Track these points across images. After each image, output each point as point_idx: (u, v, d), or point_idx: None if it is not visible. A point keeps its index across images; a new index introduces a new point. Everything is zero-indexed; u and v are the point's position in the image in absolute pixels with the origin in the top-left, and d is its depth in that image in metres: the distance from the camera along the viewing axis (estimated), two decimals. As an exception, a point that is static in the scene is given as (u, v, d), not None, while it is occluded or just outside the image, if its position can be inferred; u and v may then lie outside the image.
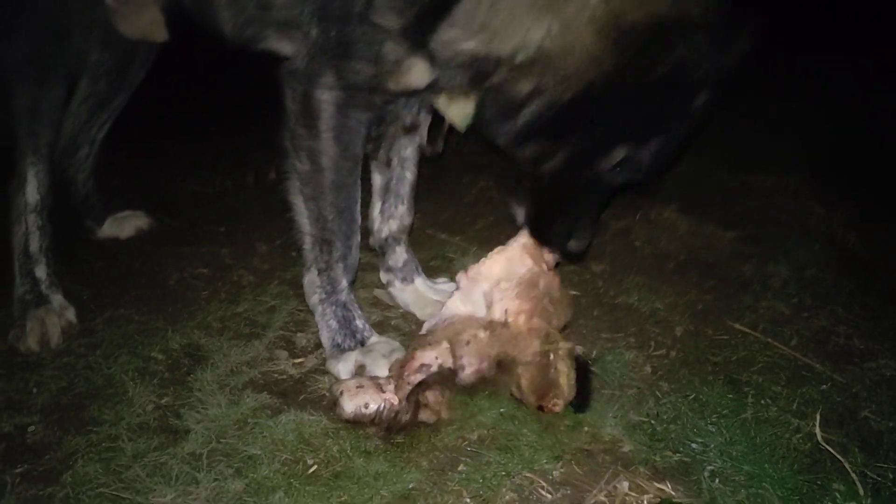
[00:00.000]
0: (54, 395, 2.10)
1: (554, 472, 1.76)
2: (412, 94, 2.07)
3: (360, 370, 2.08)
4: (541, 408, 1.92)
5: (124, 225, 3.12)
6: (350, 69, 1.96)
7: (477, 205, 3.26)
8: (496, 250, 2.06)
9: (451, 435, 1.88)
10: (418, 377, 1.91)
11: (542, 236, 2.05)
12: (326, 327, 2.17)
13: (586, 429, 1.90)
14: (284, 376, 2.17)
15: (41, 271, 2.45)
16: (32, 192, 2.45)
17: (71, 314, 2.42)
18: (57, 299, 2.43)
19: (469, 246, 2.84)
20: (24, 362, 2.25)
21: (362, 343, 2.14)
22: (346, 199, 2.11)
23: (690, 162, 3.59)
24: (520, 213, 2.13)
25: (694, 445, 1.83)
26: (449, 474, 1.76)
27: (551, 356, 1.92)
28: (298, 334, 2.35)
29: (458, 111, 2.10)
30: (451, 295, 2.15)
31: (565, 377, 1.91)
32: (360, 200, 2.17)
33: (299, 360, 2.24)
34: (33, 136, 2.43)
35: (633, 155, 1.88)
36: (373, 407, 1.90)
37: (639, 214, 2.98)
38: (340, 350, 2.14)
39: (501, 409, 1.95)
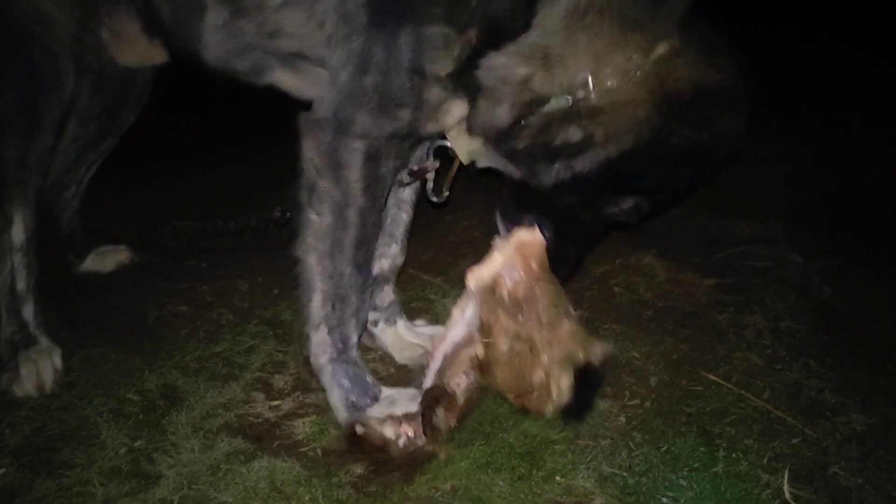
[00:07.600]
0: (27, 436, 2.09)
1: (526, 526, 1.76)
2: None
3: None
4: (524, 408, 1.93)
5: (106, 259, 3.10)
6: (388, 116, 1.87)
7: (460, 245, 3.27)
8: (496, 251, 1.99)
9: (424, 485, 1.88)
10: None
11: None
12: (338, 386, 2.07)
13: (559, 479, 1.90)
14: (260, 419, 2.16)
15: (28, 312, 2.37)
16: (18, 232, 2.37)
17: (57, 357, 2.34)
18: (44, 341, 2.36)
19: (451, 288, 2.84)
20: (-3, 401, 2.23)
21: (375, 398, 2.06)
22: (366, 253, 2.02)
23: (672, 206, 3.65)
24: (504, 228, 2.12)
25: (665, 500, 1.84)
26: (421, 526, 1.77)
27: (528, 355, 1.92)
28: (276, 376, 2.35)
29: (465, 145, 2.08)
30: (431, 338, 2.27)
31: (556, 381, 1.90)
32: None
33: (276, 402, 2.24)
34: (22, 185, 2.35)
35: (639, 204, 1.97)
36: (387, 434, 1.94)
37: (618, 260, 3.00)
38: (358, 409, 2.04)
39: (475, 458, 1.95)
